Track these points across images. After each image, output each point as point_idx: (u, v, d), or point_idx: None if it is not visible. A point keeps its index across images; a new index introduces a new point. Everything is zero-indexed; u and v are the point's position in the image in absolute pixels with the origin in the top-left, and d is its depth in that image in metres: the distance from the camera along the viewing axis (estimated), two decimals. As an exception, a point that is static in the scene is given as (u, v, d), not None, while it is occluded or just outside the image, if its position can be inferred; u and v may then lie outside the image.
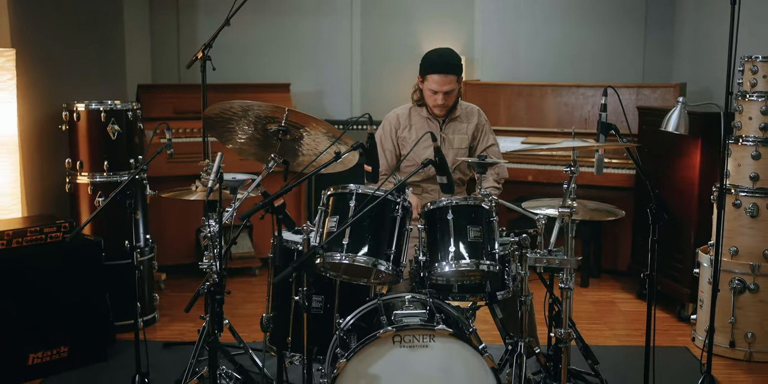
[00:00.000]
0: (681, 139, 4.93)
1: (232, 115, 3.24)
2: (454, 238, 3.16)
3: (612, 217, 3.38)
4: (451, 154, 4.00)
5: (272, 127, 3.24)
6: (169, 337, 4.75)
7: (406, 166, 4.02)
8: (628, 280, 5.89)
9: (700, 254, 4.63)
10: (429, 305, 3.14)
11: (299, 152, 3.41)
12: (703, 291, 4.59)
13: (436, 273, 3.18)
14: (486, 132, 4.13)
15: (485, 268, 3.13)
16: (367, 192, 3.14)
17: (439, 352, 2.92)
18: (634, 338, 4.77)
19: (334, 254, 3.07)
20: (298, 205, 6.25)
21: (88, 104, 4.69)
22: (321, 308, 3.44)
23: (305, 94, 6.78)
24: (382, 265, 3.09)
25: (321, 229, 3.20)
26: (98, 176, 4.71)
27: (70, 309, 4.20)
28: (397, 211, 3.16)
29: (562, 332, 3.14)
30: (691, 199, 4.98)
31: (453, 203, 3.21)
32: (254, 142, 3.41)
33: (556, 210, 3.27)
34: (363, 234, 3.10)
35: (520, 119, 6.39)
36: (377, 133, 4.08)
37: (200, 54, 4.12)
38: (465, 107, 4.11)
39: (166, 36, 6.68)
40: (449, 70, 3.86)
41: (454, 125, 4.05)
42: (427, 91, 3.92)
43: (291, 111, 3.18)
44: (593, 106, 6.15)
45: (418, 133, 4.00)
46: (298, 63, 6.87)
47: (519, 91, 6.42)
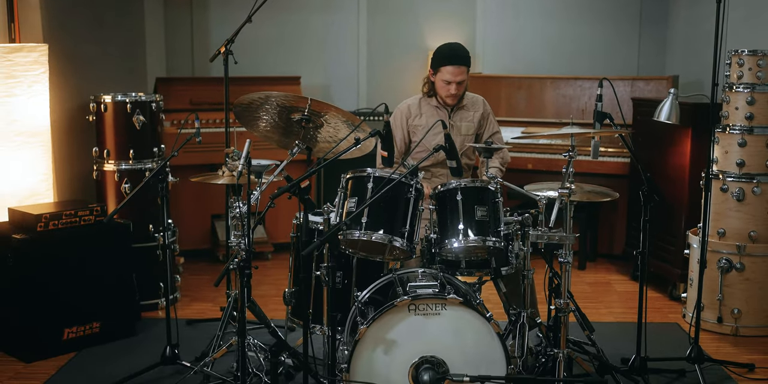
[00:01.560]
0: (672, 129, 5.21)
1: (259, 105, 3.53)
2: (462, 217, 3.45)
3: (607, 198, 3.67)
4: (458, 140, 4.30)
5: (296, 115, 3.53)
6: (191, 315, 5.04)
7: (417, 152, 4.31)
8: (622, 263, 6.19)
9: (690, 236, 4.93)
10: (440, 278, 3.44)
11: (318, 139, 3.70)
12: (693, 271, 4.89)
13: (446, 249, 3.48)
14: (491, 120, 4.44)
15: (491, 244, 3.43)
16: (383, 175, 3.44)
17: (451, 319, 3.22)
18: (629, 315, 5.07)
19: (354, 232, 3.37)
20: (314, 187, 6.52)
21: (114, 96, 4.98)
22: (340, 283, 3.72)
23: (314, 86, 7.02)
24: (397, 242, 3.38)
25: (341, 209, 3.49)
26: (124, 164, 4.99)
27: (102, 287, 4.49)
28: (410, 192, 3.45)
29: (562, 302, 3.44)
30: (682, 184, 5.28)
31: (462, 185, 3.50)
32: (278, 129, 3.70)
33: (556, 191, 3.56)
34: (380, 213, 3.39)
35: (519, 110, 6.63)
36: (390, 122, 4.37)
37: (223, 48, 4.41)
38: (471, 97, 4.41)
39: (181, 31, 6.93)
40: (462, 61, 4.18)
41: (461, 113, 4.36)
42: (440, 82, 4.22)
43: (314, 100, 3.47)
44: (590, 97, 6.41)
45: (429, 120, 4.29)
46: (308, 57, 7.12)
47: (519, 84, 6.67)
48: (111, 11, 5.63)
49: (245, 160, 3.45)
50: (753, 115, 4.62)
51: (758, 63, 4.58)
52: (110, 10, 5.62)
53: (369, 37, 7.18)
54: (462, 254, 3.59)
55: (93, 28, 5.46)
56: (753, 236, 4.66)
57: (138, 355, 4.33)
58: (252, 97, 3.49)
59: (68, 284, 4.36)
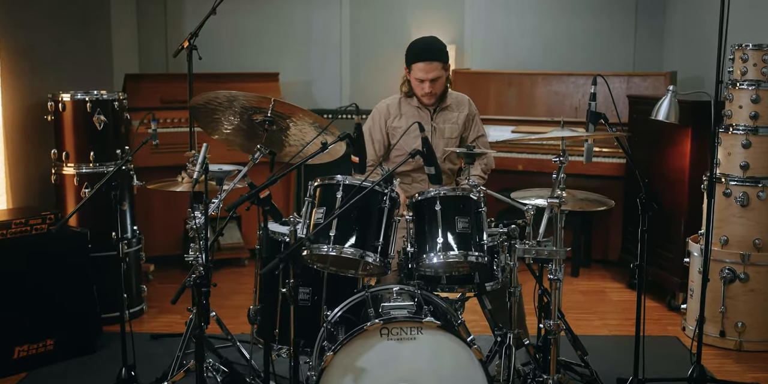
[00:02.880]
0: (671, 128, 4.90)
1: (218, 105, 3.20)
2: (442, 229, 3.13)
3: (602, 207, 3.35)
4: (441, 143, 3.97)
5: (258, 117, 3.20)
6: (157, 328, 4.72)
7: (395, 156, 3.99)
8: (618, 269, 5.88)
9: (690, 244, 4.61)
10: (417, 297, 3.12)
11: (286, 143, 3.38)
12: (693, 281, 4.58)
13: (424, 264, 3.16)
14: (476, 122, 4.11)
15: (474, 259, 3.10)
16: (354, 183, 3.11)
17: (427, 344, 2.89)
18: (625, 328, 4.77)
19: (321, 246, 3.04)
20: (287, 196, 6.21)
21: (74, 94, 4.65)
22: (308, 300, 3.42)
23: (294, 83, 6.72)
24: (370, 257, 3.06)
25: (308, 220, 3.17)
26: (84, 167, 4.66)
27: (57, 301, 4.17)
28: (384, 202, 3.12)
29: (552, 324, 3.12)
30: (681, 188, 4.97)
31: (441, 194, 3.18)
32: (240, 132, 3.37)
33: (545, 200, 3.25)
34: (350, 225, 3.07)
35: (509, 108, 6.34)
36: (366, 123, 4.05)
37: (186, 43, 4.07)
38: (455, 97, 4.08)
39: (153, 25, 6.61)
40: (433, 56, 3.84)
41: (444, 114, 4.02)
42: (414, 81, 3.90)
43: (277, 101, 3.14)
44: (584, 94, 6.11)
45: (409, 122, 3.96)
46: (287, 52, 6.81)
47: (509, 80, 6.38)
48: (73, 4, 5.28)
49: (201, 165, 3.12)
50: (758, 114, 4.31)
51: (764, 58, 4.27)
52: (72, 3, 5.27)
53: (352, 31, 6.87)
54: (442, 270, 3.27)
55: (53, 22, 5.12)
56: (758, 244, 4.34)
57: (94, 375, 4.01)
58: (208, 97, 3.15)
59: (18, 299, 4.03)
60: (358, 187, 3.05)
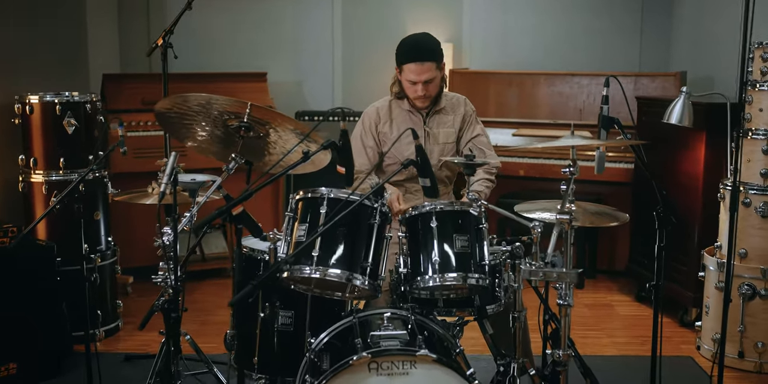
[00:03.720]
0: (684, 132, 4.59)
1: (188, 109, 2.87)
2: (438, 247, 2.80)
3: (614, 222, 3.03)
4: (436, 150, 3.65)
5: (233, 122, 2.86)
6: (133, 347, 4.40)
7: (387, 165, 3.65)
8: (625, 280, 5.55)
9: (705, 256, 4.29)
10: (410, 323, 2.80)
11: (265, 151, 3.04)
12: (710, 297, 4.26)
13: (419, 287, 2.83)
14: (472, 122, 3.76)
15: (474, 281, 2.78)
16: (340, 196, 2.78)
17: (422, 380, 2.56)
18: (634, 346, 4.45)
19: (303, 267, 2.71)
20: (275, 206, 5.87)
21: (42, 96, 4.33)
22: (291, 324, 3.08)
23: (284, 83, 6.42)
24: (358, 280, 2.73)
25: (289, 237, 2.84)
26: (54, 174, 4.35)
27: (20, 321, 3.84)
28: (374, 217, 2.80)
29: (561, 354, 2.79)
30: (694, 196, 4.64)
31: (437, 209, 2.84)
32: (215, 139, 3.04)
33: (553, 214, 2.92)
34: (335, 244, 2.74)
35: (510, 110, 6.05)
36: (356, 129, 3.72)
37: (160, 41, 3.74)
38: (451, 98, 3.75)
39: (135, 22, 6.29)
40: (426, 56, 3.50)
41: (438, 118, 3.69)
42: (405, 83, 3.56)
43: (254, 106, 2.81)
44: (588, 95, 5.81)
45: (400, 127, 3.64)
46: (276, 51, 6.51)
47: (509, 80, 6.08)
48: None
49: (170, 177, 2.79)
50: (780, 118, 3.99)
51: (787, 57, 3.95)
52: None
53: (345, 29, 6.57)
54: (438, 292, 2.94)
55: (20, 18, 4.78)
56: (780, 258, 4.03)
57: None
58: (175, 101, 2.82)
59: (-23, 319, 3.70)
60: (344, 202, 2.72)
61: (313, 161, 2.92)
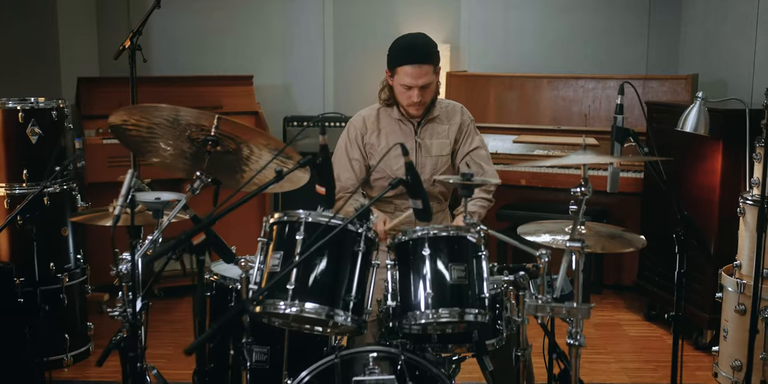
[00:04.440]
0: (699, 141, 4.26)
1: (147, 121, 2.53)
2: (431, 279, 2.47)
3: (629, 248, 2.69)
4: (428, 163, 3.31)
5: (198, 135, 2.53)
6: (105, 374, 4.05)
7: (375, 179, 3.32)
8: (634, 296, 5.21)
9: (723, 276, 3.95)
10: (400, 364, 2.47)
11: (239, 168, 2.70)
12: (728, 320, 3.92)
13: (409, 324, 2.49)
14: (470, 133, 3.42)
15: (471, 318, 2.44)
16: (319, 221, 2.45)
17: (412, 435, 2.23)
18: (647, 372, 4.12)
19: (278, 302, 2.37)
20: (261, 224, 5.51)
21: (5, 103, 4.00)
22: (266, 362, 2.77)
23: (271, 87, 6.10)
24: (339, 316, 2.39)
25: (262, 265, 2.50)
26: (17, 187, 4.01)
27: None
28: (358, 244, 2.46)
29: (571, 400, 2.46)
30: (709, 209, 4.31)
31: (430, 234, 2.51)
32: (183, 154, 2.70)
33: (559, 237, 2.60)
34: (314, 275, 2.41)
35: (511, 115, 5.72)
36: (341, 140, 3.38)
37: (128, 42, 3.41)
38: (445, 105, 3.41)
39: (116, 24, 5.95)
40: (423, 59, 3.17)
41: (432, 128, 3.35)
42: (398, 88, 3.22)
43: (222, 119, 2.47)
44: (594, 100, 5.48)
45: (389, 138, 3.30)
46: (263, 52, 6.18)
47: (510, 83, 5.75)
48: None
49: (125, 198, 2.46)
50: (806, 126, 3.65)
51: (814, 60, 3.62)
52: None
53: (336, 29, 6.24)
54: (432, 328, 2.60)
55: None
56: (805, 279, 3.69)
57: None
58: (130, 112, 2.48)
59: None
60: (324, 227, 2.39)
61: (291, 180, 2.59)
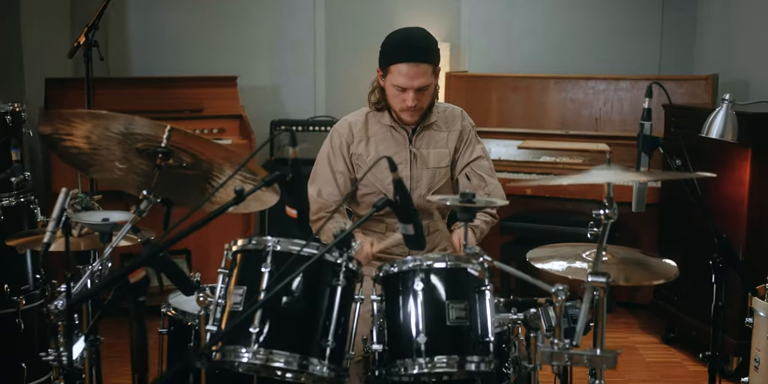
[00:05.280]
0: (725, 148, 3.84)
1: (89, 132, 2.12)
2: (425, 320, 2.06)
3: (658, 279, 2.28)
4: (425, 176, 2.89)
5: (144, 146, 2.12)
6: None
7: (363, 195, 2.90)
8: (649, 316, 4.80)
9: (754, 300, 3.53)
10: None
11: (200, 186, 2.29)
12: (760, 349, 3.49)
13: (399, 373, 2.08)
14: (470, 140, 3.00)
15: (473, 367, 2.03)
16: (290, 250, 2.04)
17: None
18: (667, 406, 3.71)
19: (239, 349, 1.97)
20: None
21: (-49, 107, 3.58)
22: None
23: (259, 88, 5.72)
24: (314, 365, 1.98)
25: (223, 302, 2.09)
26: (-36, 202, 3.60)
27: None
28: (337, 278, 2.05)
29: None
30: (737, 222, 3.90)
31: (423, 265, 2.10)
32: (132, 170, 2.29)
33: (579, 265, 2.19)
34: (284, 316, 2.00)
35: (515, 118, 5.34)
36: (323, 149, 2.96)
37: (83, 38, 3.00)
38: (444, 110, 2.98)
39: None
40: (421, 56, 2.75)
41: (429, 136, 2.92)
42: (391, 89, 2.80)
43: (175, 129, 2.06)
44: (605, 102, 5.09)
45: (379, 147, 2.88)
46: (251, 52, 5.78)
47: (514, 85, 5.36)
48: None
49: (57, 221, 2.05)
50: None
51: None
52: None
53: (328, 27, 5.84)
54: (426, 378, 2.18)
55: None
56: None
57: None
58: (67, 119, 2.07)
59: None
60: (295, 257, 1.98)
61: (259, 199, 2.18)
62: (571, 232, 4.66)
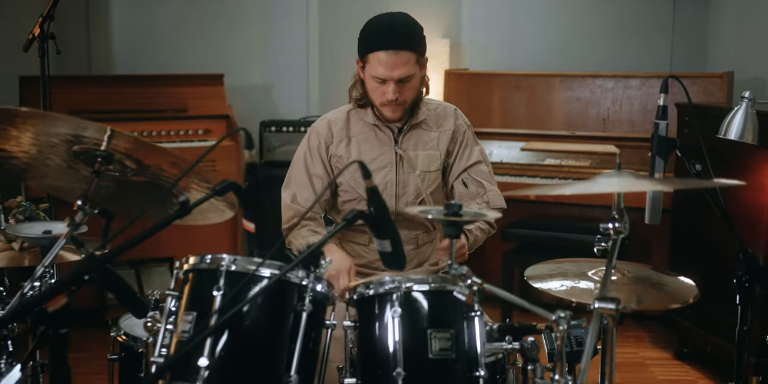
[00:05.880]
0: (743, 150, 3.54)
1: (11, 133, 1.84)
2: (403, 351, 1.77)
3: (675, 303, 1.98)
4: (412, 182, 2.59)
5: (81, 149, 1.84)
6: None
7: (344, 202, 2.61)
8: (660, 329, 4.51)
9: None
10: None
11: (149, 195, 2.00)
12: (784, 370, 3.21)
13: (374, 413, 1.79)
14: (466, 142, 2.70)
15: (460, 406, 1.74)
16: (247, 269, 1.75)
17: None
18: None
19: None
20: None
21: None
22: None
23: (249, 87, 5.45)
24: (273, 405, 1.70)
25: (172, 327, 1.81)
26: None
27: None
28: (302, 302, 1.76)
29: None
30: (757, 231, 3.60)
31: (402, 288, 1.81)
32: (69, 175, 2.00)
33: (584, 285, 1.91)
34: (238, 347, 1.71)
35: (518, 119, 5.05)
36: (299, 150, 2.68)
37: (38, 30, 2.71)
38: (435, 107, 2.69)
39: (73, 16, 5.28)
40: (401, 43, 2.46)
41: (417, 136, 2.63)
42: (371, 82, 2.52)
43: (116, 132, 1.78)
44: (614, 101, 4.79)
45: (361, 148, 2.60)
46: (241, 49, 5.51)
47: (518, 83, 5.07)
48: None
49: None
50: None
51: None
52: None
53: (322, 23, 5.56)
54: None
55: None
56: None
57: None
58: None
59: None
60: (248, 278, 1.70)
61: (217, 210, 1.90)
62: (577, 240, 4.37)
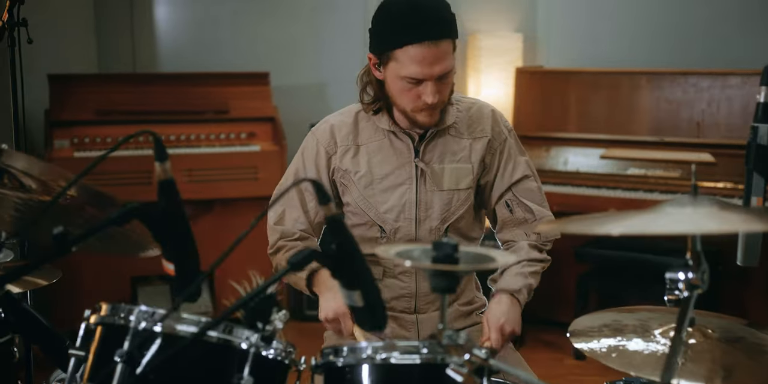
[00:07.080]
0: None
1: None
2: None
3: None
4: (437, 202, 2.03)
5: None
6: None
7: (353, 226, 2.07)
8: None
9: None
10: None
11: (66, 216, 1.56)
12: None
13: None
14: (510, 153, 2.11)
15: None
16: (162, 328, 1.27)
17: None
18: None
19: None
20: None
21: None
22: None
23: (301, 87, 5.06)
24: None
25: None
26: None
27: None
28: (240, 375, 1.27)
29: None
30: None
31: (378, 359, 1.29)
32: None
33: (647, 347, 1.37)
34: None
35: (598, 122, 4.51)
36: (294, 162, 2.16)
37: (6, 15, 2.31)
38: (468, 108, 2.12)
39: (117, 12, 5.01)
40: (438, 31, 1.91)
41: (444, 145, 2.07)
42: (399, 83, 1.96)
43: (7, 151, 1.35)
44: (710, 103, 4.21)
45: (372, 161, 2.04)
46: (292, 46, 5.13)
47: (597, 81, 4.53)
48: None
49: None
50: None
51: None
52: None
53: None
54: None
55: None
56: None
57: None
58: None
59: None
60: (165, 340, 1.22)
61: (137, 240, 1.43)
62: (662, 263, 3.81)
